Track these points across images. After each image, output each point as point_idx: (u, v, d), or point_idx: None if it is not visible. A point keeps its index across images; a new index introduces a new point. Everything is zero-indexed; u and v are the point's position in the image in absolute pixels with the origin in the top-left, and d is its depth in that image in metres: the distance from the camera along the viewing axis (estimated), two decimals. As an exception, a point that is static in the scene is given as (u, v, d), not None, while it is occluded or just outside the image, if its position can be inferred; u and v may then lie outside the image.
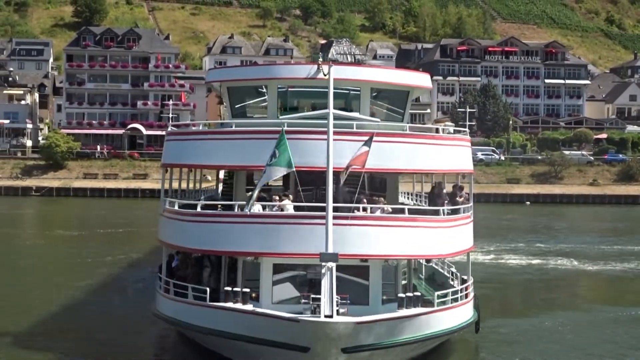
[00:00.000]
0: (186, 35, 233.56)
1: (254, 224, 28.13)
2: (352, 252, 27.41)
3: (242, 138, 30.14)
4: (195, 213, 29.97)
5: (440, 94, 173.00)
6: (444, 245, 30.19)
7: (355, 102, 32.47)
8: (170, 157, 33.45)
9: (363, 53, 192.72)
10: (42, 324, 36.77)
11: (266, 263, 28.18)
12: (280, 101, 32.28)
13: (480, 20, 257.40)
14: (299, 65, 33.54)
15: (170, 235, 31.79)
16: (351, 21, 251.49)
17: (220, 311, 27.72)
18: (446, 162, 31.73)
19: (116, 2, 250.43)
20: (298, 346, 24.48)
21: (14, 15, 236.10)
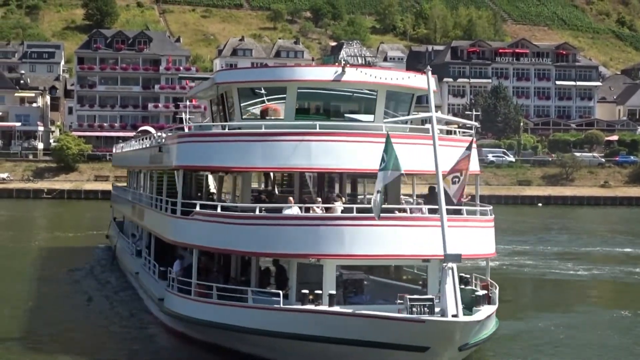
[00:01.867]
0: (197, 38, 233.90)
1: (318, 226, 27.87)
2: (419, 252, 28.10)
3: (274, 140, 29.80)
4: (254, 216, 29.10)
5: (450, 96, 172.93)
6: (488, 246, 30.71)
7: (368, 104, 32.46)
8: (190, 159, 32.32)
9: (373, 55, 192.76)
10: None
11: (329, 265, 28.03)
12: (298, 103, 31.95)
13: (491, 22, 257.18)
14: (324, 67, 32.93)
15: (215, 239, 30.39)
16: (362, 23, 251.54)
17: (320, 315, 26.63)
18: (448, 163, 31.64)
19: (127, 5, 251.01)
20: (417, 346, 24.49)
21: (26, 18, 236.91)
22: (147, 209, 41.04)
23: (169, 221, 33.75)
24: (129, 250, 48.29)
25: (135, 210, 46.72)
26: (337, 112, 32.60)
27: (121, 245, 53.66)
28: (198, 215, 30.99)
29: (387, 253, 28.12)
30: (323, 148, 29.55)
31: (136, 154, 48.87)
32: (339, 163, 29.99)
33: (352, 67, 31.48)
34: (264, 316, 27.82)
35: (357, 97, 32.53)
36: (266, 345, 28.14)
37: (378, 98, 32.22)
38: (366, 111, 32.49)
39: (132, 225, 52.77)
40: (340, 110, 32.77)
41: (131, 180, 58.33)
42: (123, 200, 56.94)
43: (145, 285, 38.84)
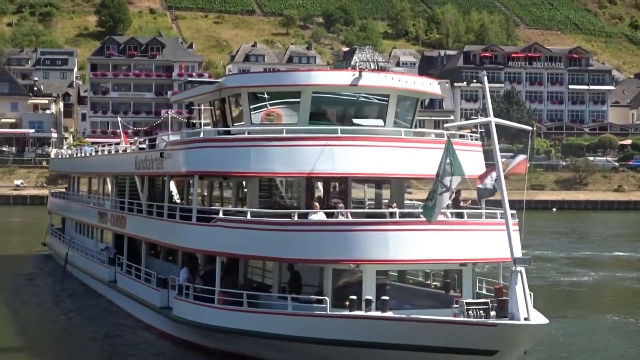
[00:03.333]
0: (209, 44, 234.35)
1: (357, 232, 27.52)
2: (457, 257, 28.28)
3: (299, 145, 29.52)
4: (290, 222, 28.59)
5: (463, 101, 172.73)
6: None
7: (380, 109, 32.36)
8: (207, 165, 31.37)
9: (386, 60, 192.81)
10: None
11: (369, 270, 27.90)
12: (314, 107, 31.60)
13: (503, 27, 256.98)
14: (341, 72, 32.52)
15: (245, 246, 29.47)
16: (374, 28, 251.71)
17: (381, 322, 26.05)
18: None
19: (140, 12, 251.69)
20: (486, 350, 24.41)
21: (39, 25, 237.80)
22: (134, 216, 39.85)
23: (183, 229, 32.83)
24: (97, 258, 46.44)
25: (107, 217, 44.94)
26: (347, 117, 32.34)
27: (75, 253, 52.24)
28: (222, 222, 30.23)
29: (426, 258, 28.07)
30: (346, 153, 29.45)
31: (107, 160, 47.54)
32: (362, 168, 29.87)
33: (369, 72, 31.41)
34: (313, 323, 27.18)
35: (369, 102, 32.37)
36: (310, 354, 27.70)
37: (390, 103, 32.12)
38: (377, 116, 32.43)
39: (88, 231, 51.90)
40: (351, 115, 32.49)
41: (80, 187, 59.00)
42: (77, 207, 55.04)
43: (135, 294, 37.94)
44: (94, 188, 55.92)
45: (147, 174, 38.66)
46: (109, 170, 47.11)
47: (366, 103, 32.47)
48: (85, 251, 50.18)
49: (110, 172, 46.80)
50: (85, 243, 52.30)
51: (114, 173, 46.18)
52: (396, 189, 35.06)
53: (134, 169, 39.77)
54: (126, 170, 42.04)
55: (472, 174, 32.51)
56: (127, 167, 41.77)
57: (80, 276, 50.18)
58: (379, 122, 32.10)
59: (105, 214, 45.55)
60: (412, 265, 29.57)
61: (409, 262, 28.51)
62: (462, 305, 25.10)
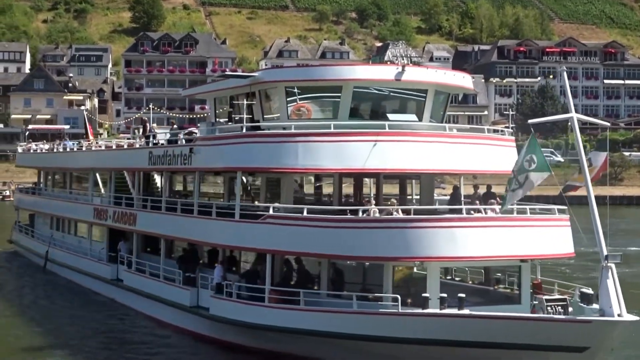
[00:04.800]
0: (243, 40, 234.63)
1: (421, 229, 27.05)
2: (518, 252, 28.16)
3: (347, 140, 29.18)
4: (353, 219, 28.17)
5: (497, 96, 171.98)
6: (568, 245, 30.45)
7: (417, 104, 32.16)
8: (253, 161, 30.55)
9: (419, 55, 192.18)
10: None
11: (434, 268, 27.73)
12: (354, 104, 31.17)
13: (538, 21, 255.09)
14: (383, 66, 32.37)
15: (302, 243, 28.82)
16: (407, 23, 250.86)
17: (463, 319, 25.44)
18: (486, 163, 31.42)
19: (173, 8, 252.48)
20: (576, 347, 24.07)
21: (74, 22, 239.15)
22: (151, 214, 38.78)
23: (227, 226, 31.81)
24: (92, 256, 45.81)
25: (107, 214, 43.59)
26: (382, 113, 32.01)
27: (58, 250, 51.11)
28: (273, 219, 29.48)
29: (489, 254, 27.84)
30: (398, 149, 29.20)
31: (107, 155, 46.42)
32: (413, 164, 29.69)
33: (411, 66, 31.26)
34: (384, 322, 26.48)
35: (406, 96, 32.10)
36: (377, 353, 26.99)
37: (427, 97, 31.90)
38: (412, 111, 32.24)
39: (72, 228, 51.06)
40: (386, 110, 32.19)
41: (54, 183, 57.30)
42: (58, 203, 53.36)
43: (152, 292, 37.03)
44: (77, 184, 54.14)
45: (167, 169, 37.75)
46: (109, 166, 45.30)
47: (403, 98, 32.20)
48: (75, 249, 49.12)
49: (112, 167, 44.95)
50: (67, 240, 51.29)
51: (116, 168, 44.58)
52: (426, 185, 34.92)
53: (148, 164, 38.78)
54: (136, 165, 41.05)
55: (505, 169, 32.43)
56: (136, 162, 40.85)
57: (66, 274, 49.00)
58: (413, 117, 31.86)
59: (105, 211, 44.26)
60: (475, 262, 29.24)
61: (472, 259, 28.22)
62: (542, 302, 24.98)
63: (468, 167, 31.11)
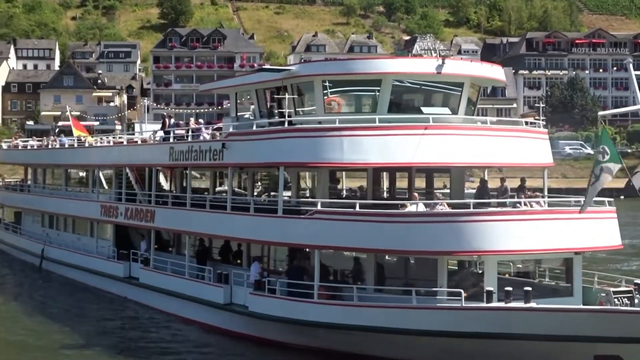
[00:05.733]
0: (270, 35, 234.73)
1: (476, 222, 26.93)
2: (572, 245, 28.34)
3: (394, 134, 29.05)
4: (408, 213, 28.02)
5: (526, 88, 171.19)
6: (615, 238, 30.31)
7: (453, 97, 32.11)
8: (298, 156, 30.13)
9: (447, 48, 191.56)
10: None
11: (491, 261, 27.68)
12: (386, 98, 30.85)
13: (567, 13, 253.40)
14: (423, 59, 31.78)
15: (353, 238, 28.34)
16: (435, 16, 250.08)
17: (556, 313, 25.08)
18: (516, 155, 31.40)
19: (201, 3, 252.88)
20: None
21: (102, 19, 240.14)
22: (174, 210, 38.36)
23: (271, 222, 31.30)
24: (100, 253, 45.15)
25: (119, 211, 42.90)
26: (416, 106, 31.81)
27: (56, 249, 50.42)
28: (322, 214, 29.12)
29: (544, 247, 27.91)
30: (444, 142, 29.23)
31: (119, 151, 45.30)
32: (457, 157, 29.77)
33: (451, 59, 31.24)
34: (447, 317, 26.18)
35: (442, 89, 31.95)
36: (438, 348, 26.68)
37: (463, 90, 31.83)
38: (447, 104, 32.13)
39: (69, 225, 50.33)
40: (421, 103, 31.96)
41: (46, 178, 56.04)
42: (56, 200, 52.09)
43: (177, 290, 36.49)
44: (74, 181, 54.00)
45: (193, 165, 37.28)
46: (121, 162, 44.17)
47: (439, 91, 32.01)
48: (77, 247, 48.43)
49: (124, 164, 43.92)
50: (66, 238, 50.63)
51: (129, 165, 43.62)
52: (457, 178, 34.83)
53: (169, 160, 38.21)
54: (153, 162, 40.57)
55: (538, 161, 32.43)
56: (153, 159, 40.43)
57: (68, 273, 48.44)
58: (447, 110, 31.77)
59: (114, 208, 43.60)
60: (530, 255, 29.25)
61: (528, 252, 28.22)
62: (609, 294, 25.38)
63: (505, 160, 31.26)
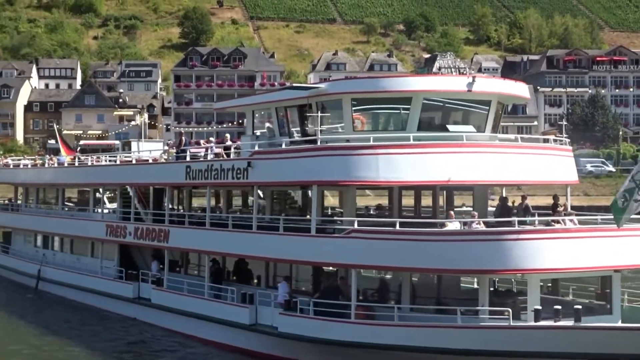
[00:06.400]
0: (291, 53, 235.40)
1: (519, 241, 26.61)
2: (613, 263, 28.08)
3: (429, 152, 29.00)
4: (446, 233, 27.74)
5: (547, 106, 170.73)
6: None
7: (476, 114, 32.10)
8: (335, 174, 29.73)
9: (468, 66, 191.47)
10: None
11: (534, 280, 27.56)
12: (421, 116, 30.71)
13: (588, 30, 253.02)
14: (453, 77, 32.33)
15: (393, 257, 27.92)
16: (455, 35, 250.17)
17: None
18: (543, 173, 31.35)
19: (222, 23, 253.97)
20: None
21: (124, 38, 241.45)
22: (192, 230, 37.67)
23: (305, 241, 30.79)
24: (105, 274, 44.35)
25: (127, 230, 42.24)
26: (441, 124, 31.70)
27: (54, 269, 49.53)
28: (359, 233, 28.72)
29: (586, 265, 27.58)
30: (477, 160, 29.32)
31: (124, 170, 44.49)
32: (488, 175, 29.88)
33: (481, 76, 31.34)
34: (494, 336, 25.86)
35: (469, 108, 31.93)
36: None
37: (491, 108, 31.86)
38: (472, 122, 32.11)
39: (68, 246, 49.23)
40: (448, 121, 31.87)
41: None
42: (55, 220, 50.95)
43: (195, 311, 36.05)
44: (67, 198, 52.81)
45: (213, 184, 36.56)
46: (129, 181, 43.71)
47: (466, 109, 31.98)
48: (77, 267, 47.64)
49: (133, 183, 43.49)
50: (64, 258, 49.72)
51: (139, 184, 43.25)
52: (480, 196, 34.72)
53: (185, 179, 37.56)
54: (165, 181, 40.20)
55: (564, 179, 32.35)
56: (167, 177, 39.97)
57: (68, 294, 47.53)
58: (472, 128, 31.66)
59: (122, 227, 42.89)
60: (571, 274, 28.88)
61: (570, 270, 27.88)
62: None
63: (532, 178, 31.31)
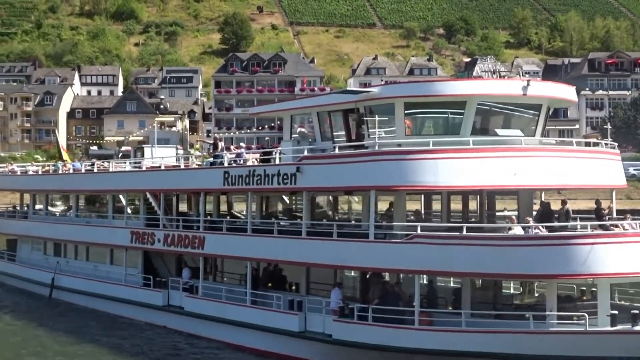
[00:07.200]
0: (330, 58, 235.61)
1: (590, 245, 26.45)
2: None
3: (491, 157, 29.02)
4: (514, 237, 27.65)
5: (589, 109, 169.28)
6: None
7: (525, 119, 32.10)
8: (389, 179, 29.53)
9: (508, 70, 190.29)
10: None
11: (604, 285, 27.52)
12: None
13: (629, 32, 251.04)
14: (508, 81, 32.03)
15: (458, 262, 27.76)
16: (495, 38, 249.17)
17: None
18: (589, 177, 31.21)
19: (262, 28, 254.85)
20: None
21: (164, 45, 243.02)
22: (240, 237, 36.95)
23: (363, 247, 30.46)
24: (129, 282, 43.71)
25: (155, 237, 41.69)
26: (490, 129, 31.51)
27: (71, 277, 48.49)
28: (423, 238, 28.50)
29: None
30: (536, 164, 29.43)
31: (158, 176, 43.15)
32: (552, 180, 30.06)
33: (537, 80, 31.58)
34: (581, 341, 25.82)
35: (520, 112, 31.89)
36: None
37: (542, 112, 31.84)
38: (520, 126, 32.02)
39: (83, 253, 48.37)
40: (496, 125, 31.69)
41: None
42: (72, 228, 49.64)
43: (236, 319, 35.61)
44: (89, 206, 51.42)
45: (255, 190, 36.03)
46: (158, 187, 42.78)
47: (515, 113, 31.86)
48: (95, 275, 46.77)
49: (162, 189, 42.60)
50: (77, 266, 48.87)
51: (169, 190, 42.50)
52: (525, 200, 34.58)
53: (223, 185, 37.22)
54: (200, 187, 39.46)
55: (612, 183, 32.11)
56: (202, 183, 39.35)
57: (87, 302, 46.60)
58: (519, 132, 31.50)
59: (149, 234, 42.21)
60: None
61: (638, 275, 27.55)
62: None
63: (582, 182, 31.17)
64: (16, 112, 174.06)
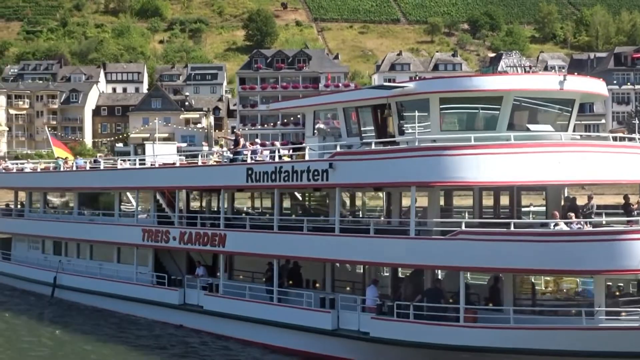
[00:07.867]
0: (355, 54, 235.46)
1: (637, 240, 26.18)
2: None
3: (528, 152, 28.75)
4: (559, 233, 27.34)
5: (615, 104, 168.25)
6: None
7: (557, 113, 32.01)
8: (429, 175, 29.15)
9: (533, 65, 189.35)
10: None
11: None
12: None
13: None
14: (544, 75, 32.13)
15: (504, 258, 27.43)
16: (520, 33, 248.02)
17: None
18: (620, 172, 31.00)
19: (286, 25, 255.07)
20: None
21: (189, 42, 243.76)
22: (268, 234, 36.05)
23: (402, 244, 30.19)
24: (141, 280, 42.80)
25: (170, 235, 40.82)
26: (521, 124, 31.23)
27: (74, 277, 47.60)
28: (467, 234, 28.26)
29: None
30: (580, 160, 29.33)
31: (174, 173, 42.74)
32: (591, 175, 30.00)
33: (572, 75, 31.19)
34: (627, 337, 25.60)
35: (553, 107, 31.75)
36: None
37: (574, 106, 31.73)
38: (552, 122, 31.89)
39: (86, 252, 47.44)
40: (527, 121, 31.40)
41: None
42: (74, 226, 48.60)
43: (264, 317, 34.98)
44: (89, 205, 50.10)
45: (282, 187, 35.35)
46: (175, 185, 42.02)
47: (548, 108, 31.72)
48: (101, 273, 45.77)
49: (180, 186, 41.93)
50: (80, 264, 47.85)
51: (188, 187, 42.15)
52: (554, 196, 34.39)
53: (246, 182, 36.37)
54: (222, 184, 38.79)
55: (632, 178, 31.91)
56: (221, 180, 38.64)
57: (92, 301, 45.79)
58: (549, 127, 31.38)
59: (163, 232, 41.33)
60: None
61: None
62: None
63: (615, 177, 31.12)
64: (42, 109, 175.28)
